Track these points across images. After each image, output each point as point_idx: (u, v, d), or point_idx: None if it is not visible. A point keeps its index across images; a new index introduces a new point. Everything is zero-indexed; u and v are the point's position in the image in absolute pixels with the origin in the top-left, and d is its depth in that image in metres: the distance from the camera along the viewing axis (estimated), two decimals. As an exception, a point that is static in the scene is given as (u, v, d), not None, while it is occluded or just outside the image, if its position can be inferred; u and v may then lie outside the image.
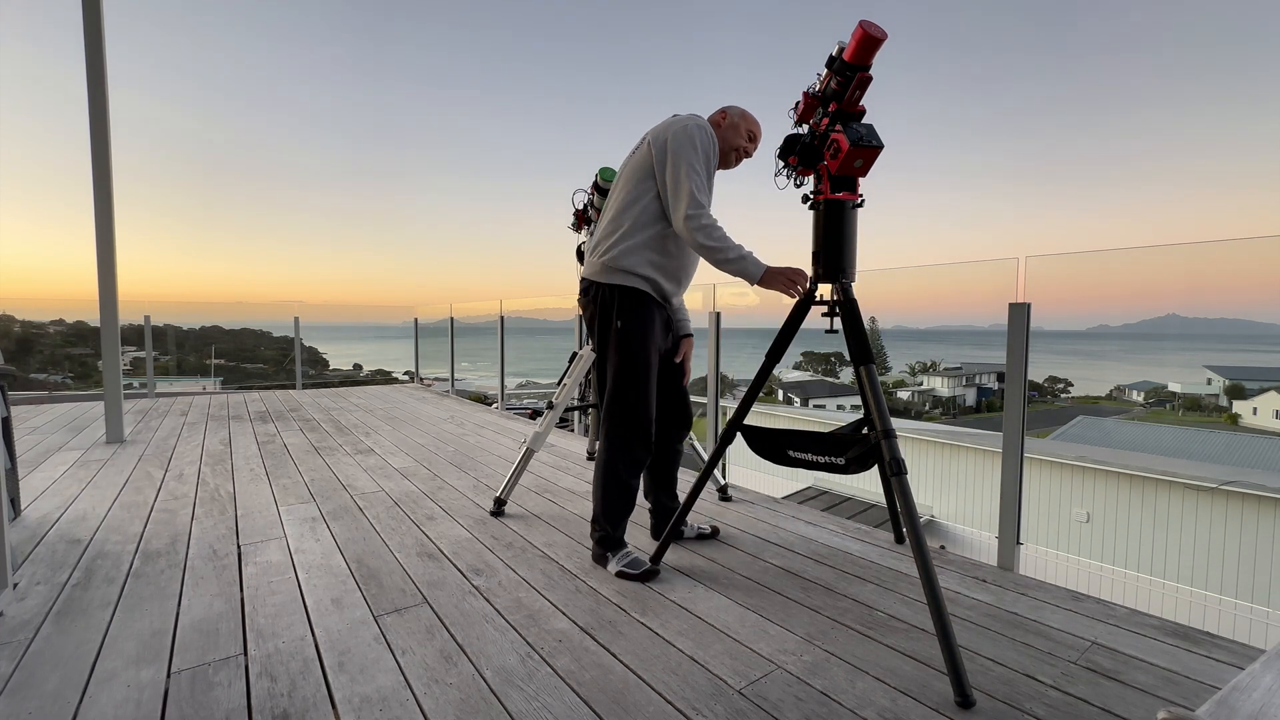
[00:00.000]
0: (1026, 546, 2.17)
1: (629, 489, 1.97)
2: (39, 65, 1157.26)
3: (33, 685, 1.36)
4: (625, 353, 1.91)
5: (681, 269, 1.99)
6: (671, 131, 1.84)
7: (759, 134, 2.03)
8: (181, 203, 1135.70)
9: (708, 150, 1.85)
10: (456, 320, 7.54)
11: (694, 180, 1.79)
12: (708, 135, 1.86)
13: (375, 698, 1.32)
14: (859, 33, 1.50)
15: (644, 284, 1.92)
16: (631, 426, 1.92)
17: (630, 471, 1.96)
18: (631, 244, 1.88)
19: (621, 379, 1.91)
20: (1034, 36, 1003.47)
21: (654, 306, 1.95)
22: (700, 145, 1.82)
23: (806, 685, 1.38)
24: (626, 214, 1.89)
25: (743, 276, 1.79)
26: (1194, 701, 1.33)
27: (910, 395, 41.83)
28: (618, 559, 1.96)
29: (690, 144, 1.81)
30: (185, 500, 2.72)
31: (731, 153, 1.99)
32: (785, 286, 1.76)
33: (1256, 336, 19.50)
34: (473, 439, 4.21)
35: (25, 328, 8.40)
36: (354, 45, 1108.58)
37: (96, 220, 3.79)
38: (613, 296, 1.91)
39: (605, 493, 1.97)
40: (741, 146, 1.99)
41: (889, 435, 1.53)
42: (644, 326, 1.92)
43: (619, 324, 1.90)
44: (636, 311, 1.91)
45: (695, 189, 1.79)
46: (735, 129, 1.99)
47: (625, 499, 1.98)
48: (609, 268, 1.91)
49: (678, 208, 1.80)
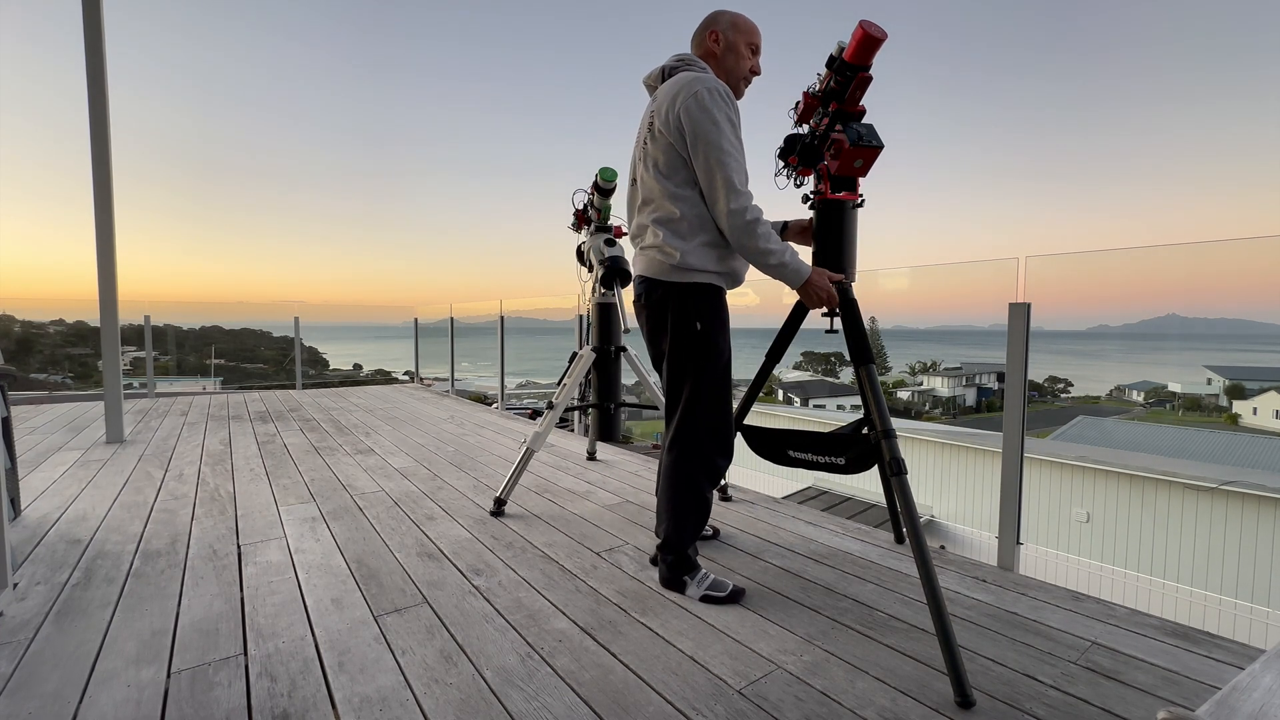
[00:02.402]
0: (1026, 546, 2.17)
1: (707, 504, 1.81)
2: (39, 64, 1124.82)
3: (33, 685, 1.36)
4: (711, 355, 1.75)
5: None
6: (684, 107, 1.62)
7: (759, 41, 1.79)
8: (181, 202, 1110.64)
9: (730, 116, 1.62)
10: (456, 320, 7.54)
11: (729, 165, 1.60)
12: (723, 97, 1.63)
13: (375, 698, 1.32)
14: (859, 33, 1.50)
15: (719, 279, 1.77)
16: (717, 435, 1.77)
17: (712, 485, 1.82)
18: (697, 240, 1.71)
19: (709, 384, 1.76)
20: (1035, 35, 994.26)
21: (726, 302, 1.81)
22: (721, 115, 1.60)
23: (806, 685, 1.38)
24: (677, 204, 1.70)
25: (784, 281, 1.66)
26: (1194, 701, 1.33)
27: (910, 395, 41.85)
28: (697, 582, 1.80)
29: (710, 120, 1.59)
30: (185, 500, 2.72)
31: (740, 82, 1.77)
32: (818, 303, 1.66)
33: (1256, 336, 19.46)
34: (473, 439, 4.21)
35: (25, 328, 8.40)
36: (355, 45, 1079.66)
37: (96, 220, 3.79)
38: (687, 296, 1.74)
39: (682, 510, 1.79)
40: (749, 69, 1.77)
41: (889, 435, 1.53)
42: (724, 325, 1.79)
43: (699, 325, 1.74)
44: (715, 310, 1.77)
45: (732, 174, 1.60)
46: (735, 51, 1.76)
47: (703, 515, 1.81)
48: (677, 267, 1.73)
49: (716, 200, 1.63)
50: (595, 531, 2.35)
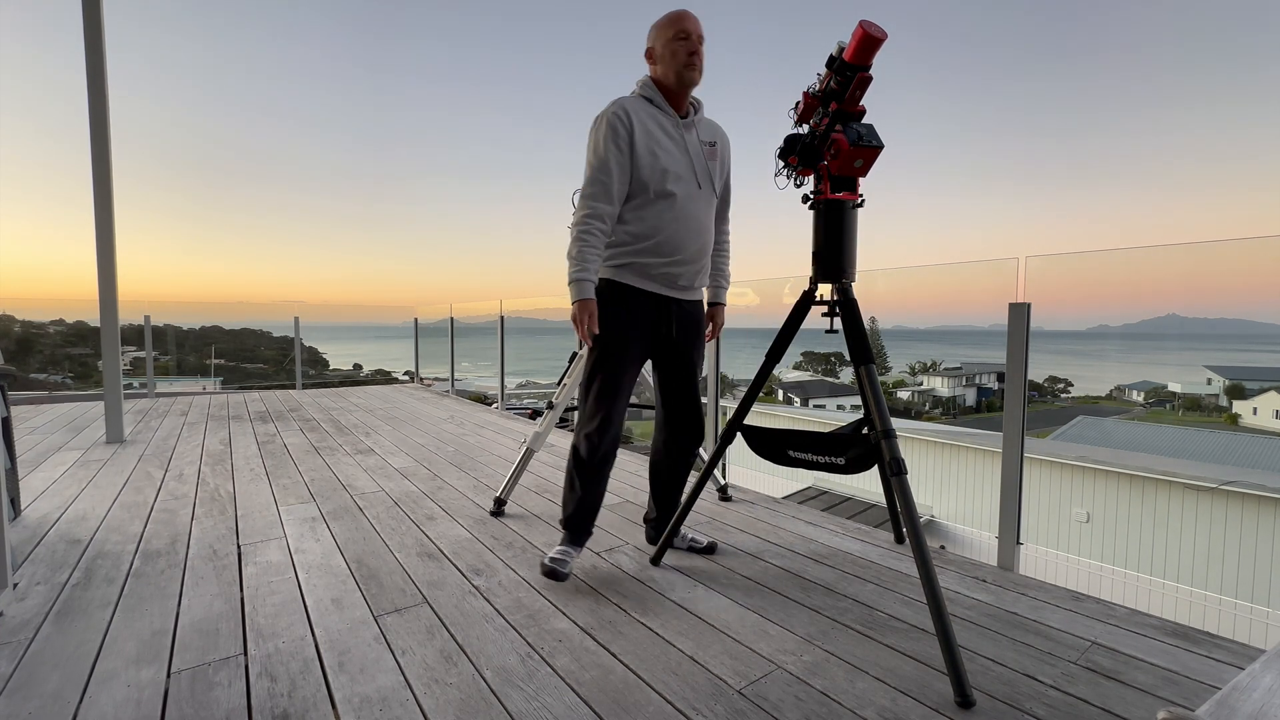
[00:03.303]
0: (1026, 546, 2.17)
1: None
2: (39, 64, 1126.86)
3: (33, 685, 1.36)
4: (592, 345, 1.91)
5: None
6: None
7: (685, 25, 1.79)
8: (182, 202, 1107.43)
9: (599, 140, 1.79)
10: (456, 320, 7.54)
11: (585, 180, 1.81)
12: (602, 121, 1.79)
13: (375, 698, 1.32)
14: (859, 32, 1.50)
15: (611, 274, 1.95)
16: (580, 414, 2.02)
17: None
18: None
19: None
20: (1035, 35, 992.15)
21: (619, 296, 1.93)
22: (593, 140, 1.80)
23: (806, 685, 1.38)
24: None
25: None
26: (1194, 701, 1.33)
27: (910, 395, 41.83)
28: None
29: (590, 143, 1.83)
30: (185, 500, 2.72)
31: (683, 71, 1.80)
32: (576, 326, 1.80)
33: (1256, 336, 19.45)
34: (473, 439, 4.21)
35: (25, 328, 8.40)
36: (356, 45, 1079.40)
37: (96, 220, 3.79)
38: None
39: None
40: (682, 59, 1.79)
41: (889, 435, 1.53)
42: (606, 319, 1.91)
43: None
44: (602, 304, 1.90)
45: (585, 187, 1.81)
46: (663, 54, 1.82)
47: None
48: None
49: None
50: (595, 531, 2.35)
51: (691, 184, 1.86)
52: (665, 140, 1.83)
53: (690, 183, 1.86)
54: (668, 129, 1.85)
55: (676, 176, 1.82)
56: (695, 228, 1.87)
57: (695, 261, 1.91)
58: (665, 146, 1.82)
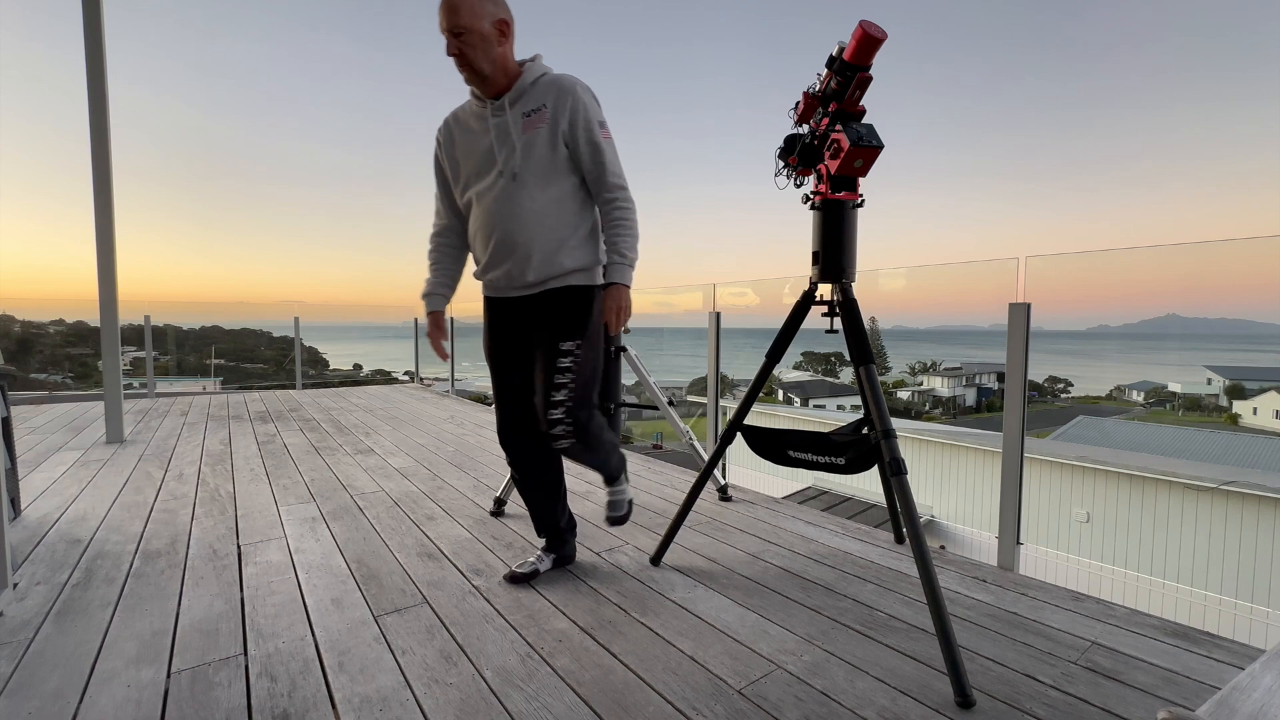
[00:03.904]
0: (1026, 546, 2.17)
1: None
2: (39, 63, 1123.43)
3: (33, 685, 1.36)
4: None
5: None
6: None
7: (440, 22, 1.58)
8: (182, 202, 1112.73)
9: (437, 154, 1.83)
10: (456, 320, 7.53)
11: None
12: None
13: (375, 698, 1.32)
14: (859, 33, 1.50)
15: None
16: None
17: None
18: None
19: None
20: (1035, 35, 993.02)
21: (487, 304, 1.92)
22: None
23: (806, 685, 1.38)
24: None
25: None
26: (1194, 701, 1.33)
27: (910, 395, 41.85)
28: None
29: None
30: (185, 500, 2.72)
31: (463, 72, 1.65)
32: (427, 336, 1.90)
33: (1256, 336, 19.43)
34: (473, 439, 4.21)
35: (25, 328, 8.41)
36: (357, 45, 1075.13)
37: (96, 220, 3.79)
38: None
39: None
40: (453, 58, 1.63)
41: (889, 435, 1.53)
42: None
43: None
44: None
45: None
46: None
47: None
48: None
49: None
50: (595, 531, 2.35)
51: (490, 176, 1.67)
52: (470, 141, 1.72)
53: (489, 175, 1.68)
54: (474, 125, 1.71)
55: (477, 175, 1.71)
56: (492, 222, 1.68)
57: (504, 259, 1.69)
58: (468, 148, 1.72)
